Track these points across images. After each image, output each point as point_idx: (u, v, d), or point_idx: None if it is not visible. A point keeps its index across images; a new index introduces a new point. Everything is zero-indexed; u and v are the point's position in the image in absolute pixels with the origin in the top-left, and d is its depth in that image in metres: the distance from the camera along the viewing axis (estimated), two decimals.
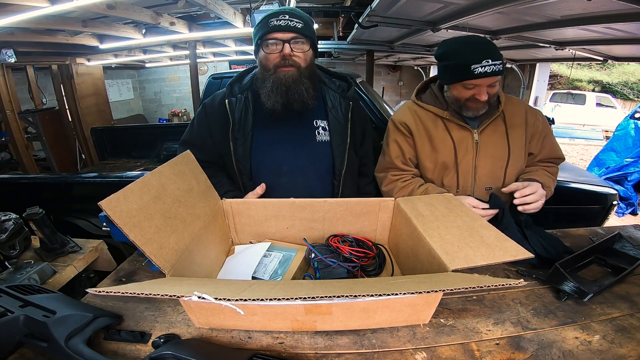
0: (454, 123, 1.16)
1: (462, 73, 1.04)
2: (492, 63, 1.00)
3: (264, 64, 1.03)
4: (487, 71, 1.00)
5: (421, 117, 1.19)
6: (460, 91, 1.09)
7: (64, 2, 2.28)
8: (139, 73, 8.40)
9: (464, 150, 1.16)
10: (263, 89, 1.03)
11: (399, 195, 1.17)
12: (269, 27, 0.98)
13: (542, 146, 1.21)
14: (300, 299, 0.51)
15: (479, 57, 1.01)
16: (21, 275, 0.90)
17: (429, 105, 1.19)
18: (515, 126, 1.18)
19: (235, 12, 3.20)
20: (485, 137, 1.17)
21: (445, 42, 1.12)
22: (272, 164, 1.10)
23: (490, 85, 1.06)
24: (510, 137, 1.17)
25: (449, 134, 1.16)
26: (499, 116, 1.17)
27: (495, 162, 1.17)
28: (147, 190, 0.72)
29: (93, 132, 4.21)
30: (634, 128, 4.32)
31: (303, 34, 0.99)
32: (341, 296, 0.51)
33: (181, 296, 0.53)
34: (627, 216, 4.01)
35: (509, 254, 0.68)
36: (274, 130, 1.09)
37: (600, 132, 8.80)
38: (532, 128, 1.19)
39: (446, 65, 1.10)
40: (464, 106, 1.11)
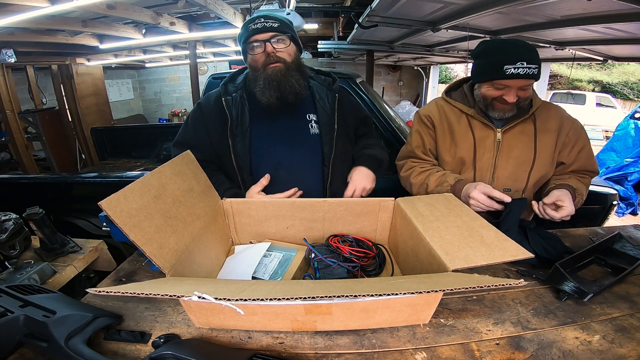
0: (478, 121, 1.16)
1: (494, 72, 1.03)
2: (526, 66, 0.98)
3: (253, 65, 1.10)
4: (519, 73, 0.99)
5: (446, 112, 1.21)
6: (489, 90, 1.08)
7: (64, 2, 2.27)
8: (139, 73, 8.40)
9: (484, 148, 1.16)
10: (256, 88, 1.08)
11: (416, 179, 1.20)
12: (249, 32, 1.06)
13: (577, 157, 1.17)
14: (300, 299, 0.51)
15: (515, 58, 0.99)
16: (21, 275, 0.90)
17: (456, 102, 1.20)
18: (546, 131, 1.14)
19: (235, 12, 3.20)
20: (510, 137, 1.15)
21: (485, 42, 1.13)
22: (271, 159, 1.13)
23: (521, 88, 1.04)
24: (538, 141, 1.14)
25: (471, 130, 1.17)
26: (529, 118, 1.14)
27: (519, 165, 1.15)
28: (147, 190, 0.72)
29: (93, 132, 4.20)
30: (634, 128, 4.32)
31: (280, 31, 1.07)
32: (341, 296, 0.51)
33: (181, 296, 0.53)
34: (627, 216, 4.01)
35: (509, 254, 0.68)
36: (271, 125, 1.14)
37: (600, 132, 8.79)
38: (565, 137, 1.16)
39: (480, 63, 1.10)
40: (490, 105, 1.10)
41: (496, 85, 1.05)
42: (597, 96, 9.84)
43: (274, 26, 1.05)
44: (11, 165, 4.49)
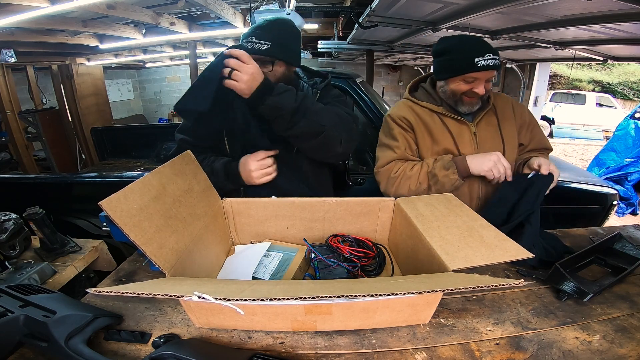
0: (450, 117, 1.18)
1: (466, 66, 1.06)
2: (492, 57, 1.05)
3: None
4: (489, 64, 1.04)
5: (418, 113, 1.20)
6: (459, 85, 1.11)
7: (64, 2, 2.27)
8: (139, 73, 8.40)
9: (464, 143, 1.17)
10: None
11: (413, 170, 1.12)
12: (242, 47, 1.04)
13: (532, 136, 1.26)
14: (300, 299, 0.51)
15: (482, 51, 1.04)
16: (21, 275, 0.90)
17: (423, 102, 1.20)
18: (506, 119, 1.22)
19: (235, 12, 3.20)
20: (481, 130, 1.19)
21: (445, 38, 1.15)
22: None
23: (487, 79, 1.10)
24: (502, 129, 1.21)
25: (446, 128, 1.17)
26: (491, 110, 1.21)
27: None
28: (147, 190, 0.72)
29: (93, 132, 4.20)
30: (634, 128, 4.32)
31: (267, 54, 1.04)
32: (341, 296, 0.51)
33: (181, 296, 0.53)
34: (627, 216, 4.01)
35: (509, 253, 0.68)
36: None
37: (600, 132, 8.80)
38: (519, 119, 1.24)
39: (448, 59, 1.12)
40: (459, 101, 1.14)
41: (467, 79, 1.09)
42: (597, 96, 9.84)
43: (262, 49, 1.03)
44: (11, 165, 4.49)
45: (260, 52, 1.03)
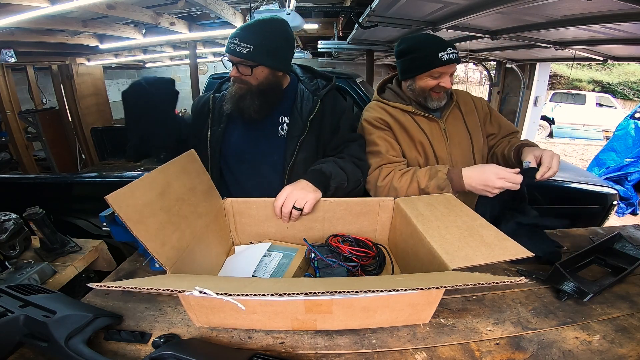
0: (421, 116, 1.21)
1: (431, 61, 1.11)
2: (453, 51, 1.11)
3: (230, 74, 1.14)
4: (452, 58, 1.10)
5: (390, 112, 1.22)
6: (427, 81, 1.15)
7: (64, 2, 2.27)
8: (139, 73, 8.39)
9: (437, 140, 1.21)
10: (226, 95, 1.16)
11: (400, 182, 1.10)
12: (226, 47, 1.07)
13: (499, 124, 1.31)
14: (301, 294, 0.51)
15: (444, 46, 1.10)
16: (21, 275, 0.90)
17: (393, 102, 1.23)
18: (469, 112, 1.27)
19: (235, 12, 3.19)
20: (450, 126, 1.23)
21: (406, 39, 1.19)
22: (237, 151, 1.17)
23: (450, 73, 1.16)
24: (467, 122, 1.25)
25: (418, 126, 1.20)
26: (455, 105, 1.25)
27: (464, 149, 1.24)
28: (152, 187, 0.73)
29: (93, 132, 4.21)
30: (634, 128, 4.32)
31: (248, 58, 1.03)
32: (342, 292, 0.51)
33: (182, 291, 0.52)
34: (627, 216, 4.01)
35: (509, 252, 0.68)
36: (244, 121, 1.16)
37: (600, 132, 8.80)
38: (481, 112, 1.29)
39: (413, 57, 1.15)
40: (428, 97, 1.17)
41: (433, 74, 1.14)
42: (597, 96, 9.84)
43: (243, 52, 1.01)
44: (11, 165, 4.49)
45: (241, 55, 1.01)
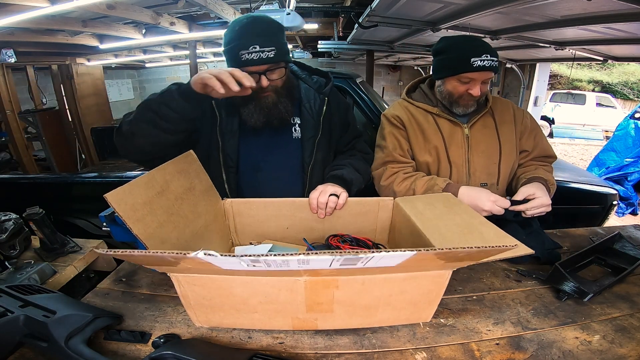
0: (444, 118, 1.18)
1: (462, 65, 1.05)
2: (490, 58, 1.03)
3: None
4: (485, 65, 1.03)
5: (412, 112, 1.21)
6: (455, 86, 1.11)
7: (64, 2, 2.27)
8: (139, 73, 8.40)
9: (455, 145, 1.17)
10: (245, 109, 1.02)
11: (400, 186, 1.13)
12: (241, 61, 0.92)
13: (535, 143, 1.22)
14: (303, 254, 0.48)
15: (479, 51, 1.03)
16: (21, 275, 0.90)
17: (418, 102, 1.22)
18: (504, 122, 1.20)
19: (235, 12, 3.20)
20: (476, 132, 1.18)
21: (445, 38, 1.15)
22: (252, 160, 1.11)
23: (484, 81, 1.08)
24: (500, 132, 1.18)
25: (438, 128, 1.18)
26: (487, 112, 1.19)
27: (488, 158, 1.18)
28: (152, 186, 0.73)
29: (93, 132, 4.21)
30: (634, 128, 4.32)
31: (277, 60, 0.96)
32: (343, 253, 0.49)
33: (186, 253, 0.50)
34: (627, 216, 4.01)
35: (509, 250, 0.68)
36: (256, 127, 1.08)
37: (600, 132, 8.80)
38: (521, 125, 1.21)
39: (445, 58, 1.12)
40: (455, 102, 1.14)
41: (462, 79, 1.08)
42: (597, 96, 9.84)
43: (271, 56, 0.92)
44: (11, 165, 4.49)
45: (269, 60, 0.93)
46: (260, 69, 0.95)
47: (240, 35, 0.93)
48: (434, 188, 1.09)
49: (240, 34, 0.94)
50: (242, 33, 0.94)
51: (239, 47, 0.92)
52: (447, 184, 1.09)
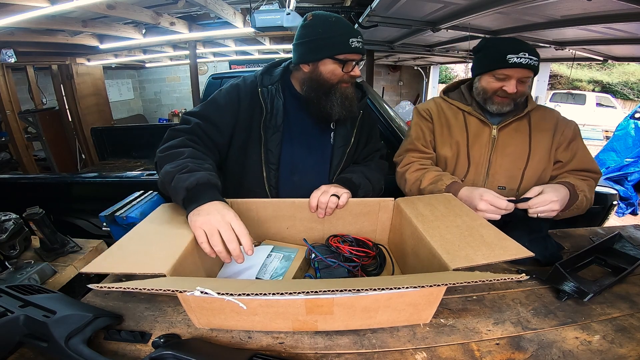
0: (474, 117, 1.18)
1: (497, 61, 1.05)
2: (528, 56, 1.02)
3: (327, 77, 1.02)
4: (521, 62, 1.02)
5: (444, 108, 1.25)
6: (490, 82, 1.10)
7: (64, 2, 2.28)
8: (139, 73, 8.40)
9: (479, 144, 1.17)
10: (326, 98, 1.03)
11: (412, 175, 1.17)
12: (349, 47, 0.98)
13: (572, 155, 1.15)
14: (303, 293, 0.51)
15: (517, 49, 1.02)
16: (21, 275, 0.90)
17: (453, 100, 1.24)
18: (541, 130, 1.15)
19: (235, 12, 3.20)
20: (505, 135, 1.16)
21: (487, 38, 1.18)
22: (291, 160, 1.10)
23: (521, 80, 1.06)
24: (533, 138, 1.15)
25: (465, 125, 1.19)
26: (524, 117, 1.16)
27: (513, 162, 1.15)
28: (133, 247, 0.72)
29: (93, 132, 4.21)
30: (634, 128, 4.32)
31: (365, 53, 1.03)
32: (344, 290, 0.51)
33: (184, 291, 0.52)
34: (627, 216, 4.02)
35: (509, 252, 0.68)
36: (298, 125, 1.10)
37: (600, 132, 8.79)
38: (561, 136, 1.16)
39: (483, 55, 1.13)
40: (489, 99, 1.12)
41: (497, 76, 1.08)
42: (597, 96, 9.85)
43: (365, 49, 1.02)
44: (11, 165, 4.50)
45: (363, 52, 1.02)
46: (358, 57, 1.01)
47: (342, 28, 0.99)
48: (438, 183, 1.10)
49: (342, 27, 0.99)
50: (343, 26, 0.99)
51: (348, 35, 0.97)
52: (452, 182, 1.08)
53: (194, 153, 0.91)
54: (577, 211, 1.06)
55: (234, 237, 0.72)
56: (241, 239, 0.72)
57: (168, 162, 0.88)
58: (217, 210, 0.75)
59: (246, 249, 0.72)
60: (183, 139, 0.96)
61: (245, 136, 1.07)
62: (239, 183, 1.11)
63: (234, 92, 1.08)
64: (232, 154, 1.10)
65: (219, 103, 1.06)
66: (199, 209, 0.76)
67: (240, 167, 1.10)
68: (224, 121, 1.05)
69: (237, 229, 0.73)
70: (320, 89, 1.03)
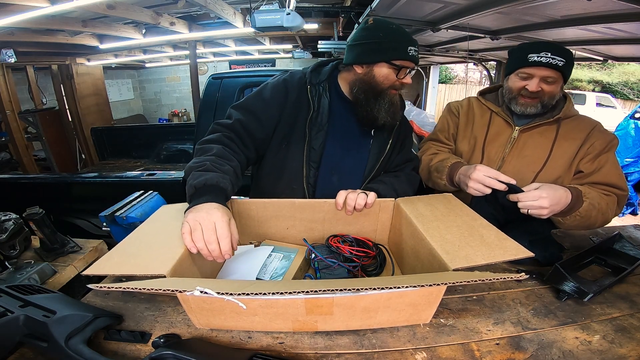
0: (500, 117, 1.20)
1: (519, 61, 1.07)
2: (550, 56, 1.01)
3: (379, 80, 1.02)
4: (542, 61, 1.01)
5: (474, 106, 1.28)
6: (515, 81, 1.11)
7: (64, 2, 2.28)
8: (139, 73, 8.41)
9: (498, 142, 1.18)
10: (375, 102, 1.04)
11: (427, 156, 1.25)
12: (406, 54, 0.99)
13: (596, 168, 1.07)
14: (302, 293, 0.51)
15: (540, 49, 1.03)
16: (21, 275, 0.90)
17: (487, 101, 1.26)
18: (569, 138, 1.11)
19: (235, 12, 3.20)
20: (527, 137, 1.15)
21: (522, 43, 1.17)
22: (332, 160, 1.10)
23: (545, 79, 1.05)
24: (556, 144, 1.11)
25: (488, 124, 1.22)
26: (553, 123, 1.13)
27: (528, 164, 1.13)
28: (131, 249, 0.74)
29: (93, 132, 4.21)
30: (634, 128, 4.33)
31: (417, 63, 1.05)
32: (344, 289, 0.51)
33: (183, 291, 0.52)
34: (627, 216, 4.02)
35: (509, 253, 0.68)
36: (342, 127, 1.11)
37: None
38: (590, 146, 1.09)
39: (511, 56, 1.14)
40: (514, 99, 1.12)
41: (521, 75, 1.08)
42: (597, 96, 9.85)
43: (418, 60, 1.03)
44: (11, 165, 4.50)
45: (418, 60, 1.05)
46: (411, 66, 1.02)
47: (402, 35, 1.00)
48: (444, 161, 1.16)
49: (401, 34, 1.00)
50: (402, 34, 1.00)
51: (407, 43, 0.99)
52: (457, 162, 1.12)
53: (221, 151, 0.93)
54: (583, 221, 0.99)
55: (214, 239, 0.72)
56: (220, 242, 0.72)
57: (196, 156, 0.93)
58: (207, 210, 0.75)
59: (223, 253, 0.73)
60: (220, 135, 0.99)
61: (288, 131, 1.07)
62: (278, 177, 1.11)
63: (281, 85, 1.08)
64: (273, 147, 1.10)
65: (264, 96, 1.07)
66: (195, 207, 0.77)
67: (280, 162, 1.10)
68: (268, 115, 1.05)
69: (220, 231, 0.73)
70: (370, 91, 1.03)
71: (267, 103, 1.06)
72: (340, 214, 0.98)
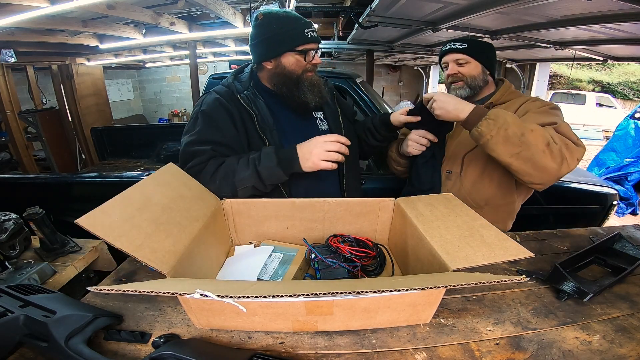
0: None
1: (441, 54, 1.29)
2: (452, 44, 1.23)
3: (290, 69, 1.07)
4: (449, 48, 1.24)
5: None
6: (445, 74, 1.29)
7: (64, 2, 2.28)
8: (139, 73, 8.40)
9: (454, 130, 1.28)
10: (297, 89, 1.09)
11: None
12: (306, 38, 1.05)
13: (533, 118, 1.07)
14: (302, 296, 0.51)
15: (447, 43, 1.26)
16: (21, 275, 0.90)
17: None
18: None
19: (235, 12, 3.20)
20: None
21: None
22: None
23: (457, 62, 1.23)
24: None
25: None
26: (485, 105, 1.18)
27: (458, 146, 1.25)
28: (129, 203, 0.73)
29: (93, 132, 4.20)
30: (634, 128, 4.32)
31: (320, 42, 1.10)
32: (344, 292, 0.51)
33: (183, 293, 0.53)
34: (627, 216, 4.02)
35: (510, 253, 0.68)
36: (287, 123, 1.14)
37: (600, 132, 8.80)
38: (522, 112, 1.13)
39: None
40: (449, 87, 1.28)
41: (444, 66, 1.29)
42: (597, 96, 9.85)
43: (319, 39, 1.08)
44: (11, 165, 4.49)
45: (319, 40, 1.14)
46: (315, 47, 1.08)
47: (296, 21, 1.05)
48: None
49: (295, 20, 1.05)
50: (295, 19, 1.05)
51: (302, 25, 1.05)
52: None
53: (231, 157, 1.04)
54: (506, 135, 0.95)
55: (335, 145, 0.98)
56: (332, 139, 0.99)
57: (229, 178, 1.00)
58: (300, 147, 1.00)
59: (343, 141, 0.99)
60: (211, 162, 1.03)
61: (249, 141, 1.09)
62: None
63: (218, 106, 1.08)
64: None
65: (215, 123, 1.06)
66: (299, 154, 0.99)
67: None
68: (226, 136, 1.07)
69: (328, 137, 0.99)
70: (289, 81, 1.08)
71: (220, 127, 1.06)
72: (340, 213, 0.98)
